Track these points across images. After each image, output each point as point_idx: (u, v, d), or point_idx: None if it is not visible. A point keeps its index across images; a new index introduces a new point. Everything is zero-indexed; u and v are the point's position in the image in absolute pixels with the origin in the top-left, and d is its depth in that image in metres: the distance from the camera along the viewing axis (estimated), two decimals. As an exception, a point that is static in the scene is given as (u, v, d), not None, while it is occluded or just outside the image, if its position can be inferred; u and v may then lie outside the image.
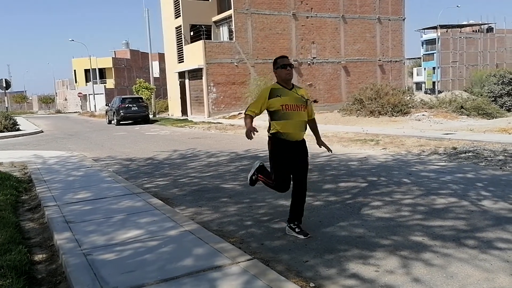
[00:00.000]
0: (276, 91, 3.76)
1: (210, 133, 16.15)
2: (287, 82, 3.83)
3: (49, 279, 3.21)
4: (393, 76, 30.97)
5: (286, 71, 3.78)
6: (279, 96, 3.73)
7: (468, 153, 8.05)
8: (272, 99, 3.73)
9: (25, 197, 6.05)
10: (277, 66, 3.81)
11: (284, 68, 3.78)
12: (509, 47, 65.44)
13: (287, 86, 3.83)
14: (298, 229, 3.87)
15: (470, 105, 18.43)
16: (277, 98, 3.73)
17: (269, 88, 3.82)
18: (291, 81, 3.88)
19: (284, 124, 3.73)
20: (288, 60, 3.85)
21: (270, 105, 3.74)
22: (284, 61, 3.81)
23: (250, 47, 25.93)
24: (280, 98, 3.72)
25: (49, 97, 74.81)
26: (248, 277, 2.86)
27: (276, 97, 3.73)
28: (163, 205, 4.92)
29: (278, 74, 3.82)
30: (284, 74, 3.78)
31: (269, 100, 3.74)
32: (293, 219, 3.92)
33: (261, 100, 3.77)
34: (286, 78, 3.80)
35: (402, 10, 31.22)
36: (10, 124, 19.89)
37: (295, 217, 3.92)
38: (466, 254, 3.31)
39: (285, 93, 3.76)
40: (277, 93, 3.75)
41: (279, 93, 3.75)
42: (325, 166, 7.50)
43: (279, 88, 3.79)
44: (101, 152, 11.19)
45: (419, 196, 5.11)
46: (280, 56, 3.93)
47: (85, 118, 36.39)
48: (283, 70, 3.78)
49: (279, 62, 3.82)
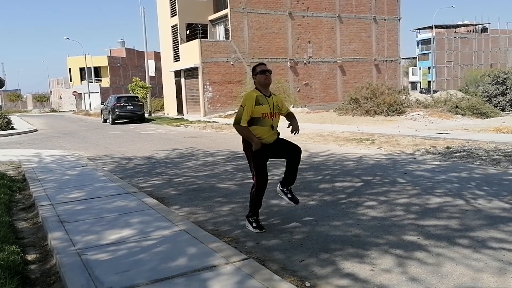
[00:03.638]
0: (260, 99, 3.96)
1: (206, 132, 16.12)
2: (266, 87, 4.01)
3: (43, 279, 3.19)
4: (388, 76, 31.07)
5: (265, 76, 3.98)
6: (261, 104, 3.93)
7: (463, 153, 8.10)
8: (256, 107, 3.91)
9: (19, 196, 6.00)
10: (256, 72, 4.02)
11: (264, 74, 3.98)
12: (503, 47, 65.91)
13: (266, 93, 4.01)
14: (290, 195, 4.16)
15: (465, 104, 18.52)
16: (260, 106, 3.93)
17: (254, 96, 3.95)
18: (269, 88, 4.07)
19: (260, 130, 3.94)
20: (266, 67, 4.07)
21: (253, 112, 3.91)
22: (263, 67, 4.02)
23: (246, 46, 25.91)
24: (262, 107, 3.94)
25: (43, 95, 74.24)
26: (243, 277, 2.86)
27: (259, 105, 3.92)
28: (157, 204, 4.90)
29: (258, 79, 4.00)
30: (263, 79, 3.97)
31: (254, 107, 3.91)
32: (286, 184, 4.15)
33: (249, 108, 3.90)
34: (265, 83, 3.99)
35: (398, 10, 31.32)
36: (3, 123, 19.74)
37: (288, 182, 4.14)
38: (460, 253, 3.33)
39: (266, 102, 3.96)
40: (260, 101, 3.94)
41: (262, 102, 3.94)
42: (320, 166, 7.51)
43: (261, 96, 3.96)
44: (96, 151, 11.14)
45: (414, 196, 5.13)
46: (258, 63, 4.15)
47: (80, 117, 36.21)
48: (262, 76, 3.97)
49: (258, 69, 4.03)
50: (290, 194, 4.15)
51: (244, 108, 3.87)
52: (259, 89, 4.01)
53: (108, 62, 58.17)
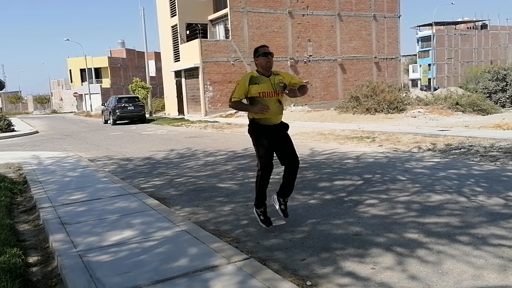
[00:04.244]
0: (255, 79, 3.89)
1: (206, 132, 16.13)
2: (267, 69, 3.94)
3: (44, 281, 3.20)
4: (389, 73, 31.03)
5: (267, 59, 3.91)
6: (257, 83, 3.87)
7: (463, 149, 8.09)
8: (250, 86, 3.86)
9: (20, 198, 6.02)
10: (258, 54, 3.94)
11: (265, 56, 3.91)
12: (503, 43, 65.76)
13: (266, 73, 3.94)
14: (283, 207, 4.08)
15: (465, 101, 18.49)
16: (255, 85, 3.87)
17: (249, 75, 3.92)
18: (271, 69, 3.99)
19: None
20: (269, 49, 3.99)
21: (249, 92, 3.87)
22: (265, 49, 3.94)
23: (246, 46, 25.90)
24: (258, 86, 3.86)
25: (44, 97, 74.40)
26: (244, 277, 2.87)
27: (254, 84, 3.87)
28: (159, 205, 4.91)
29: (259, 61, 3.94)
30: (264, 62, 3.91)
31: (248, 86, 3.86)
32: (282, 195, 4.10)
33: (242, 87, 3.87)
34: (267, 66, 3.93)
35: (398, 7, 31.27)
36: (4, 125, 19.77)
37: (284, 193, 4.10)
38: (461, 250, 3.33)
39: (263, 81, 3.89)
40: (256, 80, 3.88)
41: (257, 81, 3.88)
42: (321, 164, 7.51)
43: (257, 76, 3.91)
44: (97, 152, 11.15)
45: (415, 193, 5.13)
46: (261, 45, 4.05)
47: (81, 118, 36.25)
48: (264, 58, 3.91)
49: (260, 51, 3.95)
50: (284, 206, 4.09)
51: (236, 86, 3.90)
52: (259, 70, 3.96)
53: (108, 63, 58.19)
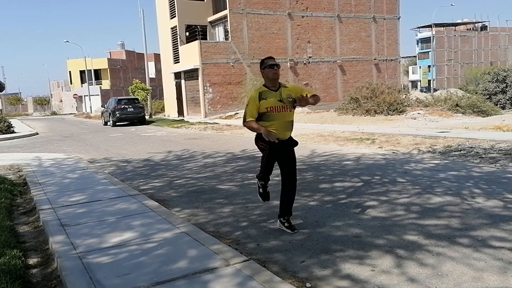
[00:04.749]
0: (263, 94, 3.86)
1: (206, 133, 16.13)
2: (273, 82, 3.91)
3: (44, 283, 3.20)
4: (388, 75, 31.06)
5: (274, 71, 3.87)
6: (265, 98, 3.84)
7: (463, 151, 8.09)
8: (261, 102, 3.85)
9: (20, 200, 6.02)
10: (264, 66, 3.91)
11: (272, 68, 3.87)
12: (503, 45, 65.82)
13: (274, 86, 3.91)
14: (287, 224, 4.07)
15: (465, 103, 18.51)
16: (263, 100, 3.84)
17: (257, 92, 3.91)
18: (278, 81, 3.96)
19: (269, 126, 3.85)
20: (275, 61, 3.95)
21: (259, 107, 3.86)
22: (271, 61, 3.91)
23: (246, 47, 25.93)
24: (265, 101, 3.84)
25: (44, 98, 74.40)
26: (244, 279, 2.87)
27: (262, 100, 3.84)
28: (158, 207, 4.91)
29: (265, 73, 3.91)
30: (271, 74, 3.87)
31: (259, 103, 3.85)
32: (283, 214, 4.10)
33: (253, 105, 3.86)
34: (273, 78, 3.89)
35: (397, 9, 31.32)
36: (4, 126, 19.75)
37: (284, 212, 4.10)
38: (460, 252, 3.33)
39: (271, 95, 3.86)
40: (264, 96, 3.86)
41: (265, 96, 3.85)
42: (320, 166, 7.51)
43: (265, 91, 3.89)
44: (97, 154, 11.15)
45: (414, 195, 5.13)
46: (267, 57, 4.02)
47: (81, 120, 36.25)
48: (271, 70, 3.87)
49: (266, 62, 3.92)
50: (288, 223, 4.06)
51: (248, 106, 3.89)
52: (266, 83, 3.93)
53: (108, 65, 58.23)
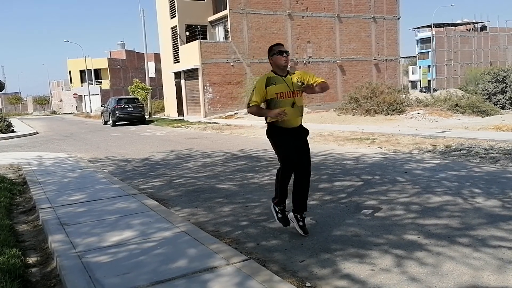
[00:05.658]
0: (271, 80, 3.70)
1: (206, 133, 16.13)
2: (283, 69, 3.76)
3: (43, 282, 3.19)
4: (388, 75, 31.07)
5: (283, 58, 3.71)
6: (274, 84, 3.68)
7: (463, 151, 8.09)
8: (268, 87, 3.68)
9: (20, 199, 6.01)
10: (273, 52, 3.74)
11: (281, 55, 3.70)
12: (502, 45, 65.85)
13: (282, 73, 3.76)
14: (301, 223, 3.83)
15: (465, 103, 18.52)
16: (272, 86, 3.67)
17: (265, 77, 3.75)
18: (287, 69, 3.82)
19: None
20: (284, 47, 3.79)
21: (267, 94, 3.70)
22: (281, 47, 3.74)
23: (246, 47, 25.93)
24: (275, 86, 3.67)
25: (44, 98, 74.36)
26: (243, 278, 2.86)
27: (271, 85, 3.67)
28: (158, 206, 4.91)
29: (274, 60, 3.74)
30: (281, 61, 3.71)
31: (266, 88, 3.69)
32: (298, 210, 3.84)
33: (260, 90, 3.70)
34: (283, 65, 3.73)
35: (397, 9, 31.33)
36: (4, 126, 19.75)
37: (298, 208, 3.84)
38: (460, 252, 3.33)
39: (280, 81, 3.70)
40: (272, 81, 3.69)
41: (274, 81, 3.69)
42: (320, 165, 7.51)
43: (274, 77, 3.73)
44: (96, 153, 11.15)
45: (414, 195, 5.13)
46: (276, 43, 3.85)
47: (81, 119, 36.24)
48: (280, 57, 3.71)
49: (275, 49, 3.74)
50: (302, 223, 3.82)
51: (253, 91, 3.74)
52: (275, 70, 3.76)
53: (108, 64, 58.21)
